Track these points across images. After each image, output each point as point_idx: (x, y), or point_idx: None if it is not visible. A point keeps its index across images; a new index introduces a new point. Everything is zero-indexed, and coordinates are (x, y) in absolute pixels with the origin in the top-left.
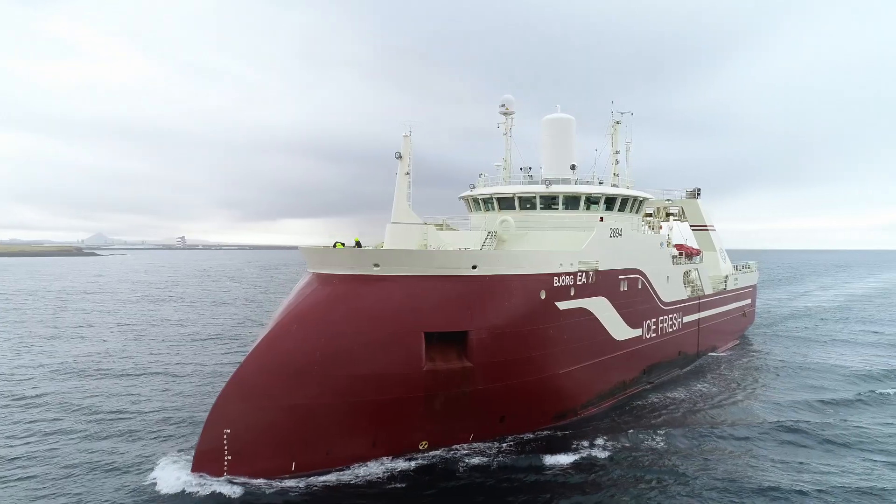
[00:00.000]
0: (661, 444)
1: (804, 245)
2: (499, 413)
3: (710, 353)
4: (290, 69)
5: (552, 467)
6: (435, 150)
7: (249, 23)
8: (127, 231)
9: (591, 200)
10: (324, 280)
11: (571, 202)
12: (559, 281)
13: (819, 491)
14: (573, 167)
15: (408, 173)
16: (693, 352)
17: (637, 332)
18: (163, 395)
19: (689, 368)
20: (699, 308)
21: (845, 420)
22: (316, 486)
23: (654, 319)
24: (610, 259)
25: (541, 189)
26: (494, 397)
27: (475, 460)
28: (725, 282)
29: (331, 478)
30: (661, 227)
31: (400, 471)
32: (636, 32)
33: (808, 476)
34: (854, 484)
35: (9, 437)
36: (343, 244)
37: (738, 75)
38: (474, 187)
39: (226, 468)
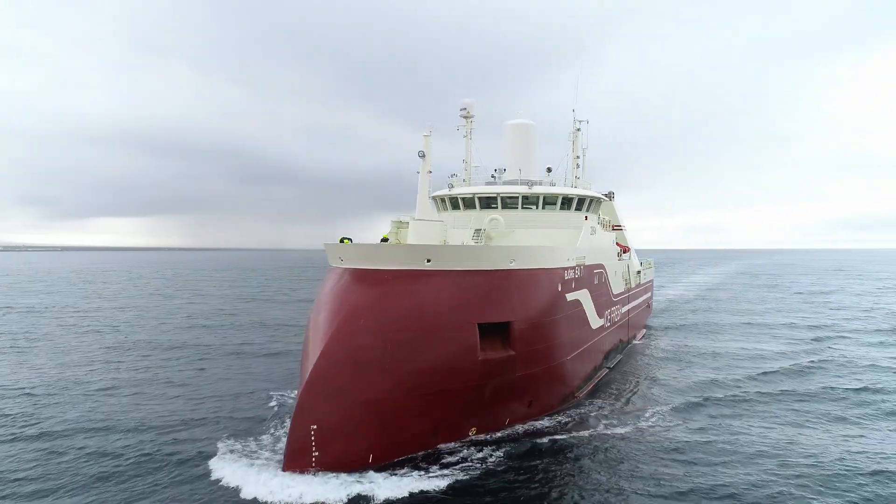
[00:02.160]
0: (662, 413)
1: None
2: (528, 398)
3: (633, 342)
4: (109, 52)
5: (598, 440)
6: (276, 147)
7: None
8: None
9: (564, 202)
10: (370, 275)
11: (548, 202)
12: (567, 274)
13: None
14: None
15: (430, 171)
16: (625, 340)
17: (602, 322)
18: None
19: (623, 354)
20: (629, 300)
21: (776, 384)
22: (397, 476)
23: (609, 310)
24: (590, 255)
25: (524, 189)
26: (527, 383)
27: (531, 442)
28: (639, 276)
29: (404, 467)
30: (611, 227)
31: (470, 455)
32: (480, 38)
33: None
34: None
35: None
36: (350, 240)
37: (573, 86)
38: (452, 187)
39: (314, 463)
